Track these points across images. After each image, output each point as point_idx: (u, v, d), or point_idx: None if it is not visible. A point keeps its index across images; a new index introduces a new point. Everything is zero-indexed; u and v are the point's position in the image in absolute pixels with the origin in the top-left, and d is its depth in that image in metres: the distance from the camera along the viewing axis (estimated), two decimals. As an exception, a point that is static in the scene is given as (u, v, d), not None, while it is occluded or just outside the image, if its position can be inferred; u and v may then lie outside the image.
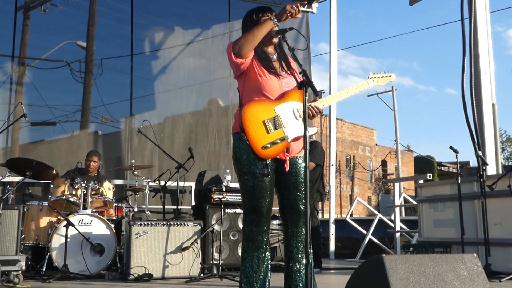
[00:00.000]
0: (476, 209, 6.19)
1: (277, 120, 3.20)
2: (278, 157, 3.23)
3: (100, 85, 9.29)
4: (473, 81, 6.90)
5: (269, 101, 3.23)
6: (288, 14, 3.20)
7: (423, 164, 41.65)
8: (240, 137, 3.22)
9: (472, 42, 7.04)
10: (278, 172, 3.29)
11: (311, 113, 3.24)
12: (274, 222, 6.57)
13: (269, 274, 3.32)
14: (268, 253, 3.31)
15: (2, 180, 5.84)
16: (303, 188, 3.27)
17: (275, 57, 3.37)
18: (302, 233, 3.26)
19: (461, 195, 5.96)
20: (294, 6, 3.21)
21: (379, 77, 3.47)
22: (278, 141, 3.18)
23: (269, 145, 3.16)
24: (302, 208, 3.26)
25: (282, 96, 3.25)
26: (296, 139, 3.25)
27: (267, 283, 3.29)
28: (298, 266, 3.25)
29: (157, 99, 9.91)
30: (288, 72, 3.35)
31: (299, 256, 3.27)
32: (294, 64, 3.41)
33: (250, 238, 3.25)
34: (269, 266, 3.32)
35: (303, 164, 3.29)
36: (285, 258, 3.33)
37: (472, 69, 6.95)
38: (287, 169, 3.25)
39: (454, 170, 6.12)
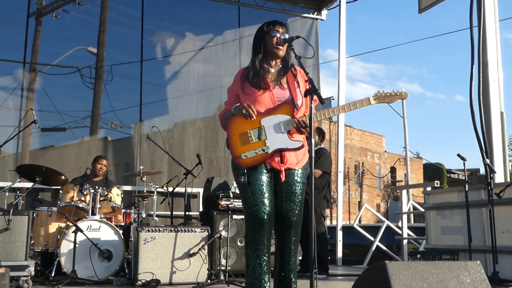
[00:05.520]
0: (483, 216, 6.17)
1: (261, 131, 3.27)
2: (273, 166, 3.30)
3: (110, 91, 9.39)
4: (481, 89, 6.89)
5: (257, 113, 3.29)
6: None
7: (433, 172, 41.38)
8: None
9: (481, 50, 7.03)
10: (275, 182, 3.35)
11: (297, 126, 3.25)
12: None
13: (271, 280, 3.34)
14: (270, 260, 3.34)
15: (12, 186, 5.91)
16: (297, 200, 3.32)
17: (273, 70, 3.41)
18: (290, 246, 3.31)
19: (469, 202, 5.95)
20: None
21: (387, 94, 3.36)
22: (258, 151, 3.26)
23: (247, 154, 3.26)
24: (293, 219, 3.30)
25: (271, 109, 3.31)
26: (278, 151, 3.29)
27: None
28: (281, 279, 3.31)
29: (167, 105, 9.97)
30: (283, 86, 3.37)
31: (284, 270, 3.31)
32: (301, 74, 3.40)
33: (252, 245, 3.28)
34: (270, 272, 3.34)
35: (300, 176, 3.35)
36: (274, 268, 3.37)
37: (481, 77, 6.94)
38: (282, 179, 3.30)
39: (464, 178, 6.11)
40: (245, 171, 3.26)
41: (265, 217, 3.24)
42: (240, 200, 6.15)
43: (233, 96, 3.45)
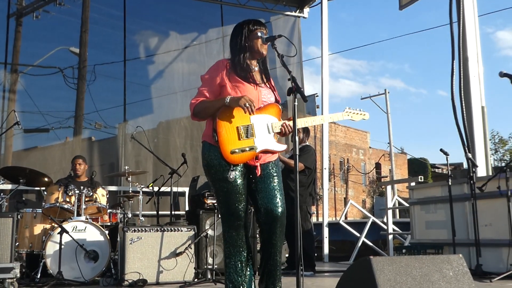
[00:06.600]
0: (467, 210, 6.26)
1: (250, 129, 3.26)
2: (248, 163, 3.28)
3: (93, 91, 9.32)
4: (462, 84, 6.97)
5: None
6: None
7: (417, 167, 41.77)
8: (210, 142, 3.27)
9: (461, 46, 7.11)
10: (249, 178, 3.33)
11: (283, 130, 3.29)
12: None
13: (253, 276, 3.36)
14: (250, 256, 3.35)
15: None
16: (277, 192, 3.30)
17: (256, 68, 3.43)
18: (276, 239, 3.27)
19: (452, 196, 6.03)
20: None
21: (354, 113, 3.65)
22: (247, 149, 3.23)
23: (237, 151, 3.21)
24: (277, 212, 3.26)
25: (261, 108, 3.31)
26: (265, 151, 3.29)
27: (253, 286, 3.34)
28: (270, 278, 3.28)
29: (152, 104, 9.94)
30: (267, 86, 3.42)
31: (269, 265, 3.29)
32: (271, 82, 3.49)
33: (231, 243, 3.28)
34: (252, 268, 3.36)
35: (275, 170, 3.36)
36: (260, 264, 3.36)
37: (461, 72, 7.02)
38: (258, 174, 3.29)
39: (447, 172, 6.18)
40: (232, 167, 3.22)
41: (243, 215, 3.28)
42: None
43: (215, 85, 3.32)
